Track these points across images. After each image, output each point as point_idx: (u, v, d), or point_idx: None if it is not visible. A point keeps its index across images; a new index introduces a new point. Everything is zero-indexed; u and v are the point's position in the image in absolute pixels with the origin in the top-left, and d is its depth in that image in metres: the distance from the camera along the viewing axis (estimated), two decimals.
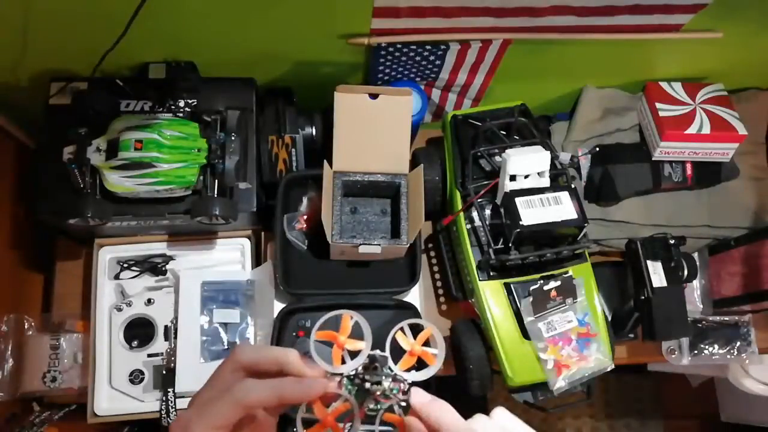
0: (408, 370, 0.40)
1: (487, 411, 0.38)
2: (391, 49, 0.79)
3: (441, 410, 0.38)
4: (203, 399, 0.37)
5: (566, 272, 0.82)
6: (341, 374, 0.39)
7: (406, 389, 0.39)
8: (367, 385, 0.38)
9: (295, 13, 0.71)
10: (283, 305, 0.83)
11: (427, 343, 0.42)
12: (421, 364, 0.41)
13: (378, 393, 0.38)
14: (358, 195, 0.87)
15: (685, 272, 0.89)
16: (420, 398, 0.39)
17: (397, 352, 0.41)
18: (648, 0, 0.73)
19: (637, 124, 0.98)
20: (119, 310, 0.84)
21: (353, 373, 0.39)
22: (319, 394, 0.37)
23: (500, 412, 0.39)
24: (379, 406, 0.39)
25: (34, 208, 0.76)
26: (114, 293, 0.86)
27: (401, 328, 0.41)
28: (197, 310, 0.84)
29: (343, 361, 0.39)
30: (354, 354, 0.39)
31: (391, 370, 0.39)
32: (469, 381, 0.81)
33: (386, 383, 0.38)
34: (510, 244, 0.78)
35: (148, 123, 0.73)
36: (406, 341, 0.41)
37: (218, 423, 0.35)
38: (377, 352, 0.39)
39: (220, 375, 0.38)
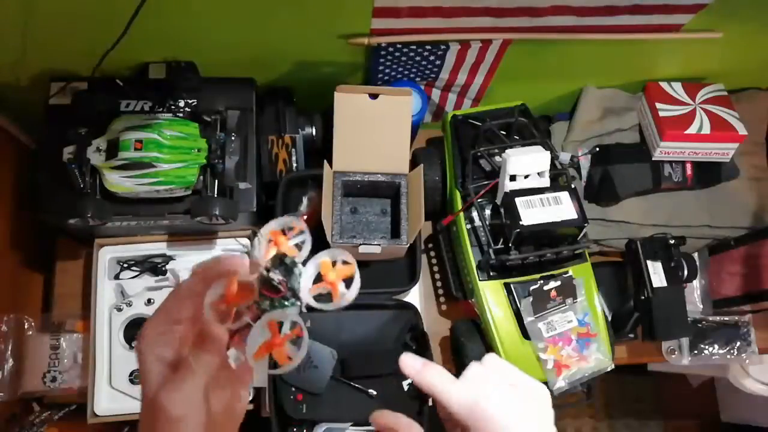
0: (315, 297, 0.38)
1: None
2: (391, 49, 0.79)
3: (432, 375, 0.38)
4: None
5: (566, 272, 0.82)
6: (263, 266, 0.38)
7: (298, 305, 0.38)
8: (263, 272, 0.37)
9: (296, 13, 0.71)
10: None
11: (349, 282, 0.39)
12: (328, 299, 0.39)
13: (269, 286, 0.37)
14: (358, 195, 0.87)
15: (685, 272, 0.89)
16: (411, 363, 0.39)
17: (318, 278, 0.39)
18: (648, 0, 0.73)
19: (637, 124, 0.98)
20: (119, 310, 0.84)
21: (268, 266, 0.38)
22: (232, 269, 0.37)
23: (491, 358, 0.40)
24: (267, 305, 0.37)
25: (34, 208, 0.76)
26: (114, 293, 0.86)
27: (333, 260, 0.39)
28: None
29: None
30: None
31: (298, 282, 0.38)
32: None
33: (275, 277, 0.37)
34: (510, 244, 0.78)
35: (148, 123, 0.73)
36: (329, 269, 0.38)
37: (165, 317, 0.38)
38: (298, 261, 0.38)
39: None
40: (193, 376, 0.36)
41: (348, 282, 0.39)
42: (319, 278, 0.39)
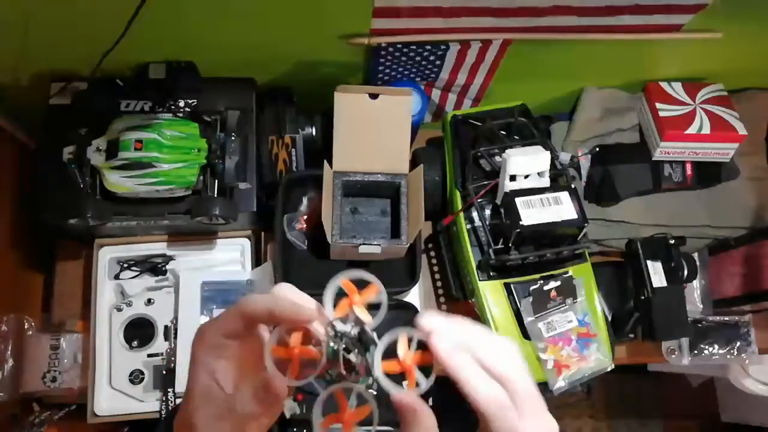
0: (386, 374, 0.37)
1: None
2: (391, 49, 0.79)
3: (464, 367, 0.36)
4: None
5: (566, 272, 0.82)
6: (333, 326, 0.37)
7: (369, 384, 0.37)
8: (342, 351, 0.37)
9: (296, 13, 0.71)
10: None
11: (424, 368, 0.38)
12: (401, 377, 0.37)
13: (341, 363, 0.37)
14: (358, 195, 0.87)
15: (685, 272, 0.89)
16: (442, 346, 0.36)
17: (392, 353, 0.38)
18: (648, 0, 0.73)
19: (637, 124, 0.98)
20: (119, 310, 0.84)
21: (342, 331, 0.37)
22: (306, 319, 0.36)
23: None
24: (335, 375, 0.37)
25: (34, 208, 0.76)
26: (114, 293, 0.86)
27: (410, 337, 0.38)
28: (197, 310, 0.84)
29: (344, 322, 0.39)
30: (357, 323, 0.38)
31: (371, 361, 0.37)
32: None
33: (355, 359, 0.36)
34: (510, 244, 0.78)
35: (149, 123, 0.73)
36: (404, 349, 0.38)
37: (222, 328, 0.37)
38: (374, 334, 0.38)
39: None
40: (236, 421, 0.36)
41: (425, 370, 0.37)
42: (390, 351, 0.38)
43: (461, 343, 0.36)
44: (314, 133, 0.87)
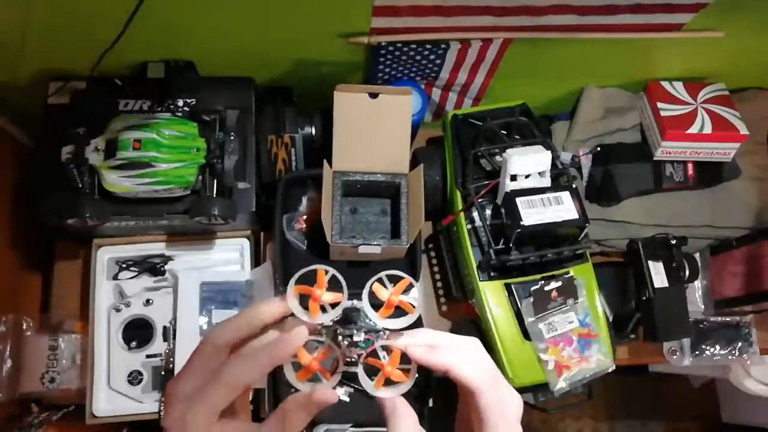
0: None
1: None
2: (391, 48, 0.79)
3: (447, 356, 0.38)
4: (187, 389, 0.36)
5: (567, 273, 0.82)
6: (320, 324, 0.39)
7: (385, 336, 0.40)
8: (339, 337, 0.39)
9: (295, 12, 0.71)
10: None
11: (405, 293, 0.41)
12: (400, 314, 0.41)
13: (347, 344, 0.39)
14: (357, 195, 0.87)
15: (687, 272, 0.89)
16: (418, 353, 0.38)
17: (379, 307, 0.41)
18: None
19: (639, 123, 0.98)
20: (118, 310, 0.84)
21: (330, 323, 0.39)
22: (300, 344, 0.38)
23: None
24: (354, 357, 0.39)
25: (32, 208, 0.76)
26: (112, 294, 0.86)
27: (380, 279, 0.41)
28: (196, 311, 0.83)
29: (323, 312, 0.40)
30: (333, 306, 0.40)
31: (369, 320, 0.40)
32: None
33: (357, 337, 0.39)
34: (511, 245, 0.78)
35: (147, 122, 0.73)
36: (383, 291, 0.40)
37: (217, 408, 0.35)
38: (354, 302, 0.40)
39: (199, 361, 0.38)
40: (199, 404, 0.36)
41: (407, 289, 0.41)
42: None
43: (429, 344, 0.39)
44: (314, 132, 0.87)
